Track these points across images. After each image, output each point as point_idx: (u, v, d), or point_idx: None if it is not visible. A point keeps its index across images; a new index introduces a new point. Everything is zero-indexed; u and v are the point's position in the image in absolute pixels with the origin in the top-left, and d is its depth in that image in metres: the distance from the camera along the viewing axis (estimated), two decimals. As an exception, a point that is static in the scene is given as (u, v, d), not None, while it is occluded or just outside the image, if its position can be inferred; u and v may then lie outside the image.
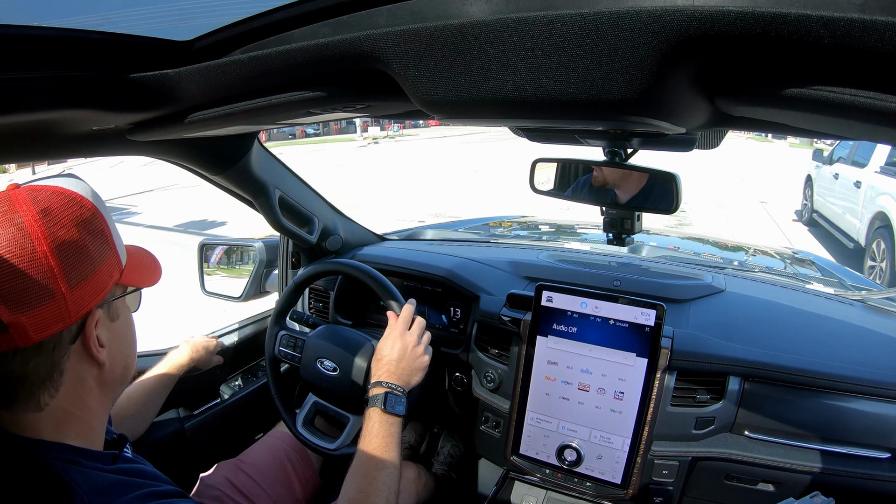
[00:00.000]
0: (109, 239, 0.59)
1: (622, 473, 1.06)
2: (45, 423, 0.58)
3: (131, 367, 0.68)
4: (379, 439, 0.88)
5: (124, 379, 0.67)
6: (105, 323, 0.61)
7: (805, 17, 0.34)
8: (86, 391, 0.61)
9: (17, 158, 0.87)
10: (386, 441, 0.88)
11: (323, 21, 0.57)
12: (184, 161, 1.13)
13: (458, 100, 0.52)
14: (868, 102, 0.37)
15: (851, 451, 0.98)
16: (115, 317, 0.63)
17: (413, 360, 0.98)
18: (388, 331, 1.01)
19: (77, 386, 0.59)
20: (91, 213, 0.57)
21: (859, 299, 1.29)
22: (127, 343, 0.66)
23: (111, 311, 0.62)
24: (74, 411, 0.60)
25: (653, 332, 1.01)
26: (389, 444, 0.88)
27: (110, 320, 0.62)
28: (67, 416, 0.59)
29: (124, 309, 0.65)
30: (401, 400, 0.93)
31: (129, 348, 0.67)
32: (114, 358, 0.62)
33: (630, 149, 1.04)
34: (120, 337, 0.64)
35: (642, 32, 0.39)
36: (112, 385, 0.65)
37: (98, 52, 0.63)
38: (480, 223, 2.41)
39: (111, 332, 0.62)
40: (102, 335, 0.60)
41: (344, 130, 25.55)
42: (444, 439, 1.49)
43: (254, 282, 1.59)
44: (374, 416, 0.91)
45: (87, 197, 0.58)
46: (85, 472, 0.57)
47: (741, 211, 7.78)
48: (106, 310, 0.61)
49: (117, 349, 0.63)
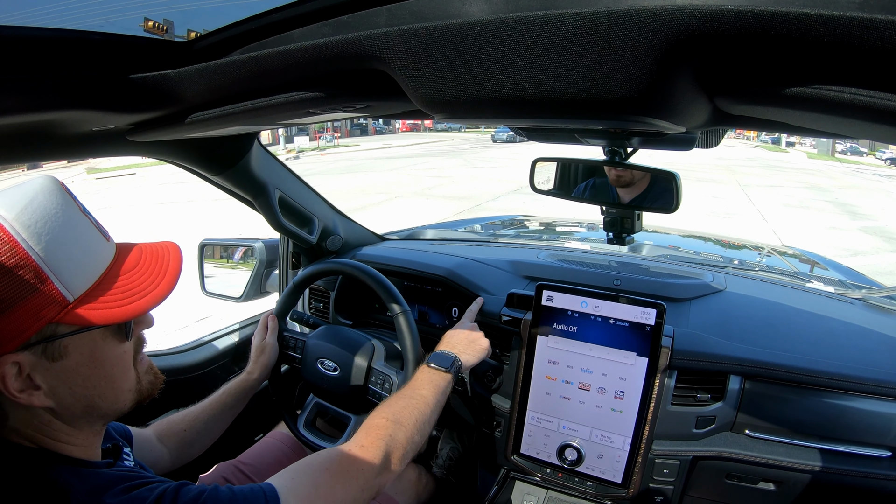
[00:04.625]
0: (38, 273, 0.51)
1: (623, 473, 1.06)
2: (21, 440, 0.56)
3: (102, 405, 0.60)
4: (416, 382, 0.94)
5: (95, 415, 0.60)
6: (40, 364, 0.53)
7: (805, 15, 0.34)
8: (47, 424, 0.57)
9: (17, 159, 0.87)
10: (422, 382, 0.93)
11: (323, 21, 0.57)
12: (184, 161, 1.13)
13: (457, 99, 0.52)
14: (868, 101, 0.37)
15: (852, 449, 0.98)
16: (59, 356, 0.54)
17: (476, 342, 1.07)
18: (459, 323, 1.13)
19: (34, 421, 0.56)
20: (5, 245, 0.49)
21: (860, 298, 1.29)
22: (86, 383, 0.57)
23: (50, 352, 0.54)
24: (47, 440, 0.57)
25: (653, 331, 1.01)
26: (425, 384, 0.92)
27: (49, 361, 0.54)
28: (39, 439, 0.57)
29: (83, 346, 0.56)
30: (448, 358, 0.99)
31: (93, 388, 0.58)
32: (61, 399, 0.55)
33: (630, 148, 1.04)
34: (69, 378, 0.56)
35: (642, 31, 0.39)
36: (78, 420, 0.59)
37: (98, 53, 0.63)
38: (480, 223, 2.41)
39: (52, 373, 0.54)
40: (37, 377, 0.53)
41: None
42: (444, 440, 1.49)
43: (254, 282, 1.59)
44: (420, 369, 0.97)
45: (8, 222, 0.50)
46: (80, 472, 0.56)
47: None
48: (37, 351, 0.53)
49: (66, 390, 0.56)
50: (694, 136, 0.87)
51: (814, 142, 32.93)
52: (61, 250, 0.53)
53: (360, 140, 24.77)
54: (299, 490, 0.64)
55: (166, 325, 3.96)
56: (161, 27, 20.47)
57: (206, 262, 1.65)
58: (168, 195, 11.86)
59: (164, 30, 20.50)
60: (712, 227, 7.93)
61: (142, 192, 13.06)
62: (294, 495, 0.62)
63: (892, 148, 23.67)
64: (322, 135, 26.13)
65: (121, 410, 0.63)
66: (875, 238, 8.21)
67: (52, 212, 0.53)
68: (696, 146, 0.92)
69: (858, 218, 9.83)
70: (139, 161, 17.80)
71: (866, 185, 15.59)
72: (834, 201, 11.77)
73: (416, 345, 1.05)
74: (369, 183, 13.06)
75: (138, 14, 5.50)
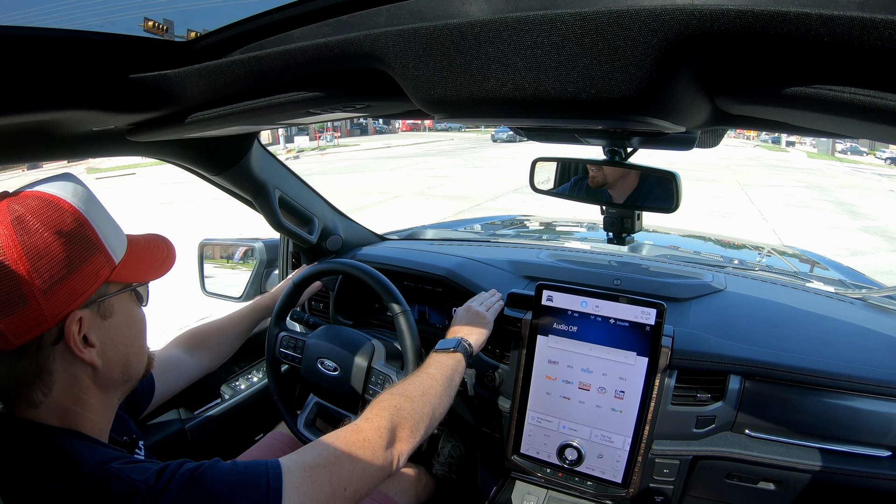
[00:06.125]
0: (94, 239, 0.60)
1: (623, 472, 1.06)
2: (46, 417, 0.60)
3: (134, 364, 0.68)
4: (423, 365, 0.95)
5: (126, 377, 0.67)
6: (94, 322, 0.60)
7: (804, 15, 0.34)
8: (82, 389, 0.61)
9: (17, 159, 0.87)
10: (428, 364, 0.95)
11: (323, 21, 0.57)
12: (184, 161, 1.13)
13: (457, 99, 0.52)
14: (868, 101, 0.37)
15: (852, 449, 0.98)
16: (108, 314, 0.62)
17: (476, 318, 1.09)
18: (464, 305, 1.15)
19: (71, 385, 0.60)
20: (71, 216, 0.58)
21: (860, 297, 1.29)
22: (126, 341, 0.65)
23: (102, 310, 0.62)
24: (74, 408, 0.61)
25: (653, 331, 1.01)
26: (431, 364, 0.94)
27: (101, 318, 0.61)
28: (67, 411, 0.61)
29: (123, 306, 0.65)
30: (453, 340, 1.00)
31: (129, 346, 0.66)
32: (108, 357, 0.62)
33: (630, 148, 1.04)
34: (115, 335, 0.63)
35: (642, 31, 0.39)
36: (112, 384, 0.65)
37: (98, 53, 0.63)
38: (480, 223, 2.41)
39: (103, 330, 0.62)
40: (92, 335, 0.60)
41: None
42: (445, 440, 1.49)
43: (254, 282, 1.59)
44: (431, 355, 0.98)
45: (67, 199, 0.58)
46: (91, 447, 0.59)
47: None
48: (94, 309, 0.60)
49: (112, 348, 0.63)
50: (694, 136, 0.87)
51: (814, 141, 32.93)
52: (105, 222, 0.62)
53: (360, 140, 24.78)
54: (303, 460, 0.64)
55: (166, 325, 3.96)
56: (161, 27, 20.47)
57: (206, 262, 1.65)
58: (168, 195, 11.86)
59: (163, 30, 20.51)
60: (712, 227, 7.93)
61: (142, 191, 13.05)
62: (298, 465, 0.63)
63: (892, 147, 23.67)
64: (322, 135, 26.10)
65: (139, 375, 0.70)
66: (875, 237, 8.21)
67: (90, 193, 0.62)
68: (696, 146, 0.92)
69: (858, 217, 9.82)
70: (139, 161, 17.80)
71: (866, 184, 15.58)
72: (834, 201, 11.76)
73: (416, 345, 1.05)
74: (369, 183, 13.05)
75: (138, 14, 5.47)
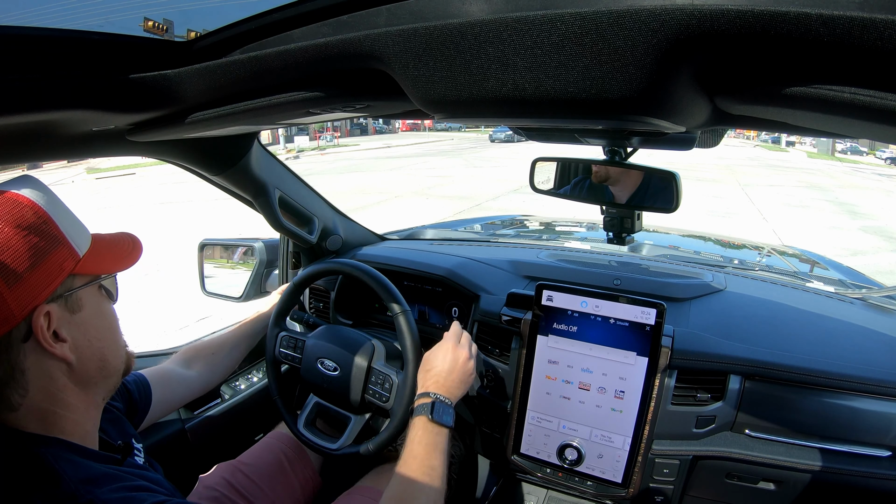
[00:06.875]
0: (56, 232, 0.60)
1: (623, 472, 1.06)
2: (27, 421, 0.59)
3: (111, 359, 0.66)
4: (422, 447, 0.86)
5: (105, 373, 0.66)
6: (63, 316, 0.60)
7: (804, 15, 0.34)
8: (59, 388, 0.60)
9: (17, 158, 0.87)
10: (429, 450, 0.86)
11: (323, 21, 0.57)
12: (184, 162, 1.13)
13: (457, 99, 0.52)
14: (868, 100, 0.37)
15: (852, 449, 0.98)
16: (77, 308, 0.62)
17: (463, 374, 0.98)
18: (440, 344, 1.02)
19: (47, 383, 0.59)
20: (31, 210, 0.58)
21: (860, 297, 1.29)
22: (98, 335, 0.64)
23: (70, 304, 0.61)
24: (54, 409, 0.60)
25: (653, 330, 1.01)
26: (433, 453, 0.86)
27: (70, 313, 0.61)
28: (48, 413, 0.60)
29: (92, 300, 0.64)
30: (448, 411, 0.92)
31: (102, 340, 0.65)
32: (81, 352, 0.62)
33: (630, 147, 1.04)
34: (87, 329, 0.63)
35: (642, 31, 0.39)
36: (90, 381, 0.64)
37: (98, 53, 0.63)
38: (480, 223, 2.41)
39: (73, 325, 0.61)
40: (62, 329, 0.60)
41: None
42: (445, 439, 1.49)
43: (254, 282, 1.59)
44: (419, 424, 0.89)
45: (27, 196, 0.59)
46: (74, 461, 0.58)
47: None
48: (62, 303, 0.60)
49: (85, 342, 0.62)
50: (694, 136, 0.87)
51: (814, 141, 32.93)
52: (66, 217, 0.62)
53: (360, 140, 24.79)
54: None
55: (166, 325, 3.97)
56: (161, 27, 20.48)
57: (206, 262, 1.64)
58: (168, 195, 11.85)
59: (163, 30, 20.51)
60: (712, 227, 7.93)
61: (142, 191, 13.05)
62: None
63: (892, 147, 23.67)
64: (322, 134, 26.08)
65: (118, 371, 0.69)
66: (875, 237, 8.21)
67: (49, 191, 0.63)
68: (696, 146, 0.92)
69: (858, 217, 9.82)
70: (139, 161, 17.80)
71: (866, 184, 15.57)
72: (834, 201, 11.76)
73: (416, 345, 1.05)
74: (369, 183, 13.05)
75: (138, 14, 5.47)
